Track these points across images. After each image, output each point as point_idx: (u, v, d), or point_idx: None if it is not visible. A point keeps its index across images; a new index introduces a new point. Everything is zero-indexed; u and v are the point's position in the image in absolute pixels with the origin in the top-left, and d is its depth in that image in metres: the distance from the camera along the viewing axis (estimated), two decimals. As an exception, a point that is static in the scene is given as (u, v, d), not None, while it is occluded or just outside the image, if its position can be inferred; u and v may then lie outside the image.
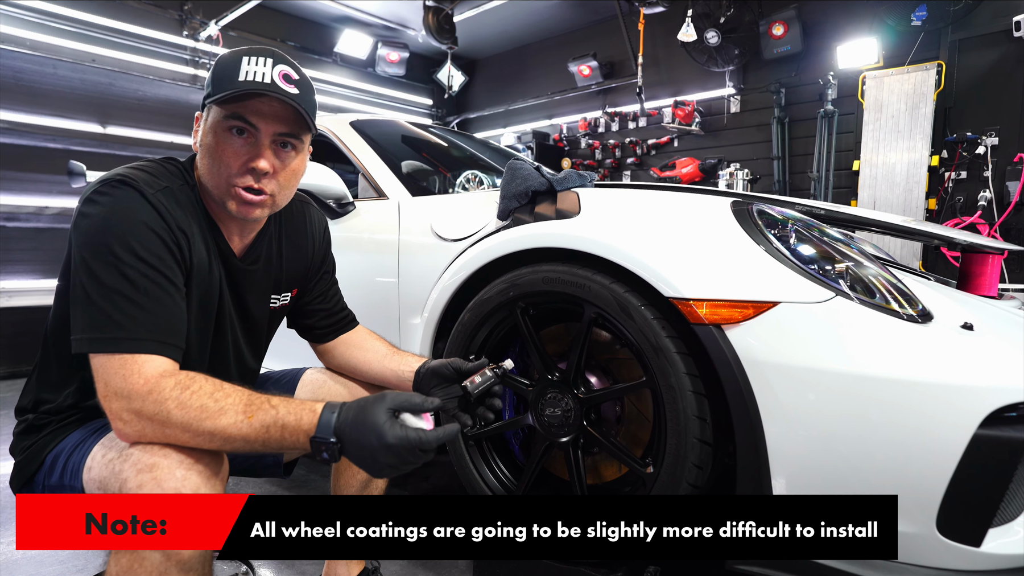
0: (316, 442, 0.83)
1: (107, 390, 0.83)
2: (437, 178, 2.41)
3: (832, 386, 1.05)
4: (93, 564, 1.65)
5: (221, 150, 0.94)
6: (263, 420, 0.83)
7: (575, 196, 1.41)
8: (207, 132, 0.96)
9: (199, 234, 0.98)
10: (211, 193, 0.98)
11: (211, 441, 0.82)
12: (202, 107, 0.99)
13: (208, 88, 0.95)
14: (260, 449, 0.85)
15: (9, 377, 4.13)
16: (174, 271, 0.90)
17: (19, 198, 4.13)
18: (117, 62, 4.60)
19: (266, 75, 0.93)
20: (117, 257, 0.84)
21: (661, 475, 1.23)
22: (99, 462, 0.87)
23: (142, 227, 0.87)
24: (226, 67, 0.94)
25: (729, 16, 4.60)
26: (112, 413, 0.83)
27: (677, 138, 5.39)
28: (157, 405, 0.81)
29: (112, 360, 0.82)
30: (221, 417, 0.82)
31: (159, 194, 0.91)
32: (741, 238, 1.20)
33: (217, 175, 0.95)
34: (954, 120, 3.97)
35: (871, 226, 1.61)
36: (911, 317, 1.09)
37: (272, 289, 1.16)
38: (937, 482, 1.00)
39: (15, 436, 1.01)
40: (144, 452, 0.82)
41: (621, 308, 1.25)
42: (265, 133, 0.95)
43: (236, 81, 0.92)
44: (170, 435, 0.82)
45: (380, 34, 6.18)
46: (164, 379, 0.83)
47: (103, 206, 0.86)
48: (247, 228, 1.07)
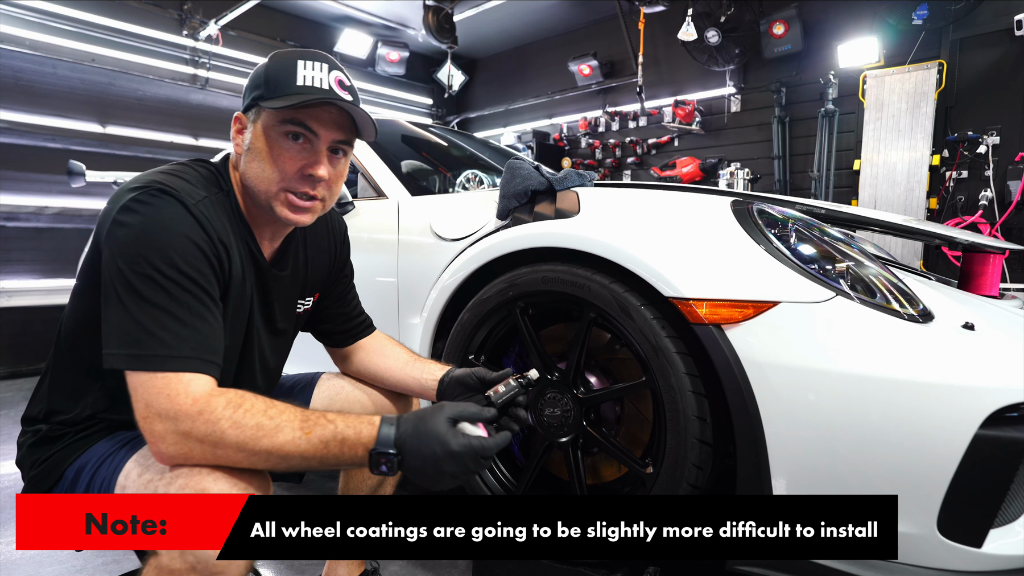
0: (376, 454, 0.82)
1: (149, 411, 0.78)
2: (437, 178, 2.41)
3: (832, 386, 1.05)
4: (92, 564, 1.65)
5: (277, 155, 0.92)
6: (321, 435, 0.81)
7: (574, 195, 1.41)
8: (259, 135, 0.93)
9: (236, 243, 0.94)
10: (259, 197, 0.94)
11: (267, 460, 0.80)
12: (246, 108, 0.95)
13: (260, 90, 0.92)
14: (316, 466, 0.83)
15: (9, 377, 4.13)
16: (213, 286, 0.87)
17: (19, 198, 4.14)
18: (117, 62, 4.59)
19: (324, 81, 0.92)
20: (158, 270, 0.80)
21: (661, 475, 1.22)
22: (135, 481, 0.84)
23: (184, 239, 0.83)
24: (281, 70, 0.92)
25: (729, 15, 4.59)
26: (154, 435, 0.78)
27: (677, 137, 5.38)
28: (209, 426, 0.77)
29: (155, 379, 0.78)
30: (278, 435, 0.79)
31: (200, 204, 0.87)
32: (741, 238, 1.20)
33: (270, 180, 0.92)
34: (955, 119, 3.96)
35: (872, 225, 1.61)
36: (912, 317, 1.09)
37: (298, 294, 1.14)
38: (938, 483, 1.00)
39: (26, 448, 0.96)
40: (191, 475, 0.79)
41: (620, 308, 1.25)
42: (324, 140, 0.93)
43: (295, 86, 0.91)
44: (222, 456, 0.79)
45: (380, 33, 6.17)
46: (214, 398, 0.79)
47: (142, 215, 0.82)
48: (279, 233, 1.04)
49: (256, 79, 0.94)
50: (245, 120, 0.96)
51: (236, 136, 0.97)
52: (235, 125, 0.97)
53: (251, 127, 0.95)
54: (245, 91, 0.97)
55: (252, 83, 0.95)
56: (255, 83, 0.94)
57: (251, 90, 0.94)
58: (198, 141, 5.02)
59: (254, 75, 0.95)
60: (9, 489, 2.17)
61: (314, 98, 0.90)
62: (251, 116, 0.95)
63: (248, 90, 0.95)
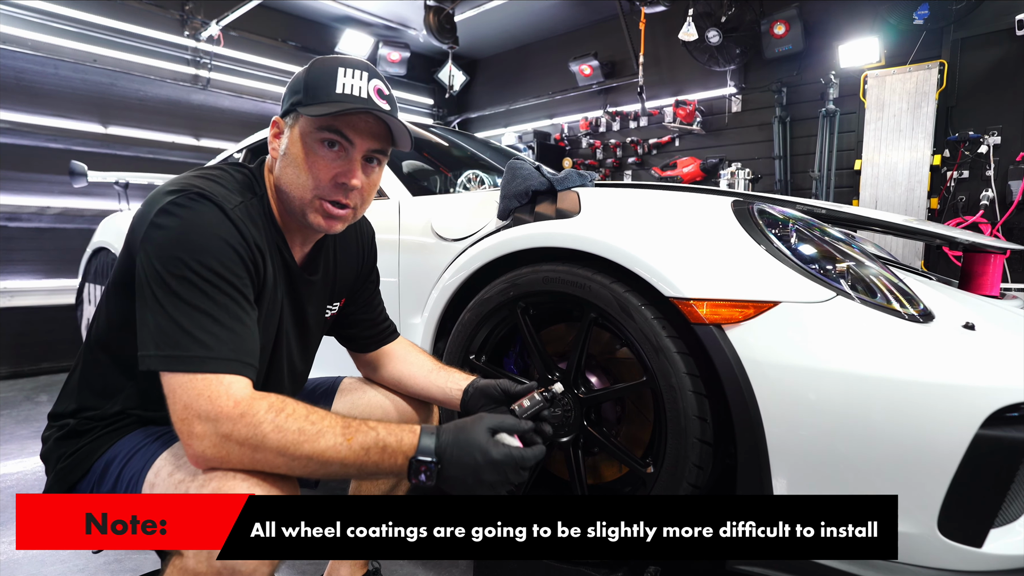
0: (416, 462, 0.83)
1: (188, 412, 0.78)
2: (438, 178, 2.41)
3: (833, 386, 1.05)
4: (94, 564, 1.65)
5: (312, 162, 0.92)
6: (363, 442, 0.82)
7: (575, 196, 1.41)
8: (295, 141, 0.93)
9: (270, 249, 0.95)
10: (292, 203, 0.95)
11: (306, 466, 0.80)
12: (284, 112, 0.96)
13: (299, 95, 0.93)
14: (354, 474, 0.83)
15: (11, 377, 4.13)
16: (249, 289, 0.87)
17: (21, 198, 4.14)
18: (118, 62, 4.60)
19: (363, 89, 0.92)
20: (195, 272, 0.80)
21: (661, 475, 1.23)
22: (165, 480, 0.84)
23: (222, 243, 0.84)
24: (322, 76, 0.92)
25: (730, 15, 4.59)
26: (193, 436, 0.78)
27: (678, 137, 5.38)
28: (251, 428, 0.78)
29: (195, 381, 0.78)
30: (320, 440, 0.80)
31: (237, 209, 0.88)
32: (742, 238, 1.20)
33: (304, 187, 0.93)
34: (956, 119, 3.96)
35: (873, 225, 1.61)
36: (912, 317, 1.09)
37: (327, 299, 1.14)
38: (938, 483, 1.00)
39: (52, 441, 0.96)
40: (224, 479, 0.79)
41: (621, 308, 1.25)
42: (359, 149, 0.94)
43: (333, 93, 0.91)
44: (260, 460, 0.79)
45: (381, 34, 6.18)
46: (256, 401, 0.79)
47: (181, 219, 0.82)
48: (310, 238, 1.05)
49: (296, 84, 0.95)
50: (283, 125, 0.96)
51: (273, 140, 0.98)
52: (272, 129, 0.98)
53: (288, 132, 0.95)
54: (285, 95, 0.97)
55: (292, 88, 0.95)
56: (295, 88, 0.95)
57: (290, 95, 0.95)
58: (199, 142, 5.03)
59: (294, 80, 0.96)
60: (12, 489, 2.18)
61: (352, 107, 0.90)
62: (288, 121, 0.95)
63: (287, 95, 0.96)
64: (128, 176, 3.88)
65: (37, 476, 2.30)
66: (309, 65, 0.96)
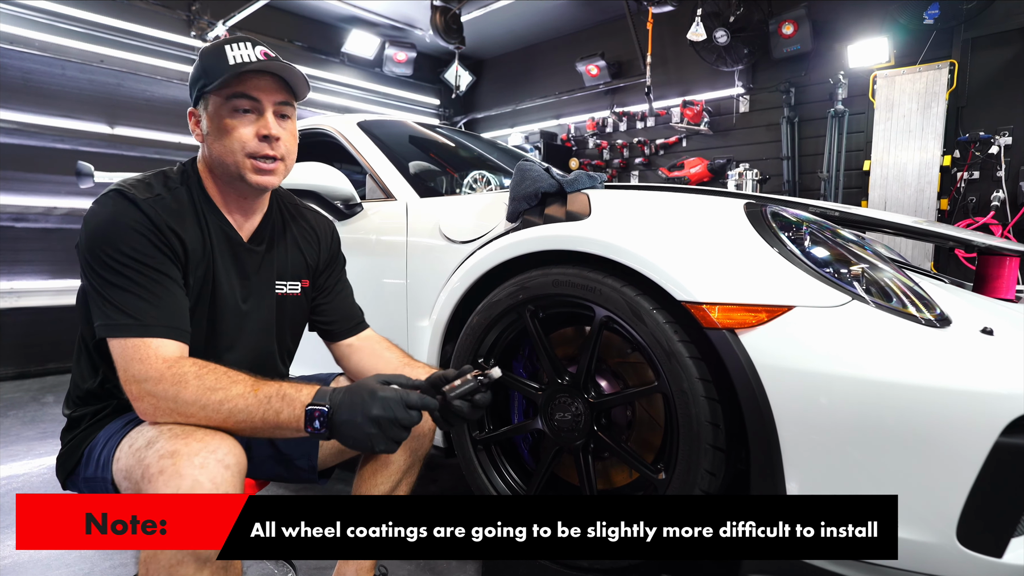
0: (310, 409, 0.90)
1: (126, 375, 0.92)
2: (444, 179, 2.40)
3: (848, 392, 1.03)
4: (99, 568, 1.65)
5: (231, 129, 1.03)
6: (267, 392, 0.91)
7: (585, 198, 1.39)
8: (212, 118, 1.05)
9: (195, 228, 1.05)
10: (229, 172, 1.06)
11: (218, 411, 0.89)
12: (195, 102, 1.08)
13: (201, 81, 1.04)
14: (259, 424, 0.90)
15: (18, 377, 4.15)
16: (168, 266, 0.99)
17: (28, 198, 4.15)
18: (125, 63, 4.60)
19: (252, 56, 1.04)
20: (112, 258, 0.94)
21: (673, 481, 1.21)
22: (126, 452, 0.93)
23: (131, 231, 0.96)
24: (212, 57, 1.04)
25: (738, 15, 4.57)
26: (132, 395, 0.92)
27: (686, 138, 5.36)
28: (175, 380, 0.89)
29: (127, 347, 0.92)
30: (232, 388, 0.90)
31: (151, 200, 1.00)
32: (755, 241, 1.18)
33: (232, 152, 1.04)
34: (967, 120, 3.92)
35: (887, 228, 1.59)
36: (929, 321, 1.07)
37: (278, 275, 1.20)
38: (957, 491, 0.98)
39: (62, 432, 1.09)
40: (168, 440, 0.87)
41: (632, 312, 1.23)
42: (267, 104, 1.05)
43: (228, 66, 1.02)
44: (182, 411, 0.89)
45: (387, 34, 6.17)
46: (183, 360, 0.93)
47: (98, 215, 0.97)
48: (251, 210, 1.15)
49: (196, 74, 1.07)
50: (198, 113, 1.08)
51: (195, 128, 1.09)
52: (191, 120, 1.10)
53: (204, 115, 1.06)
54: (190, 89, 1.09)
55: (193, 80, 1.07)
56: (195, 78, 1.06)
57: (194, 85, 1.07)
58: (205, 142, 5.03)
59: (193, 73, 1.07)
60: (19, 490, 2.18)
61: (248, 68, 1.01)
62: (201, 107, 1.07)
63: (192, 87, 1.08)
64: (135, 177, 3.88)
65: (43, 478, 2.30)
66: (201, 54, 1.08)
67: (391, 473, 1.25)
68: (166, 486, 0.81)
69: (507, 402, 1.63)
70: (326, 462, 1.24)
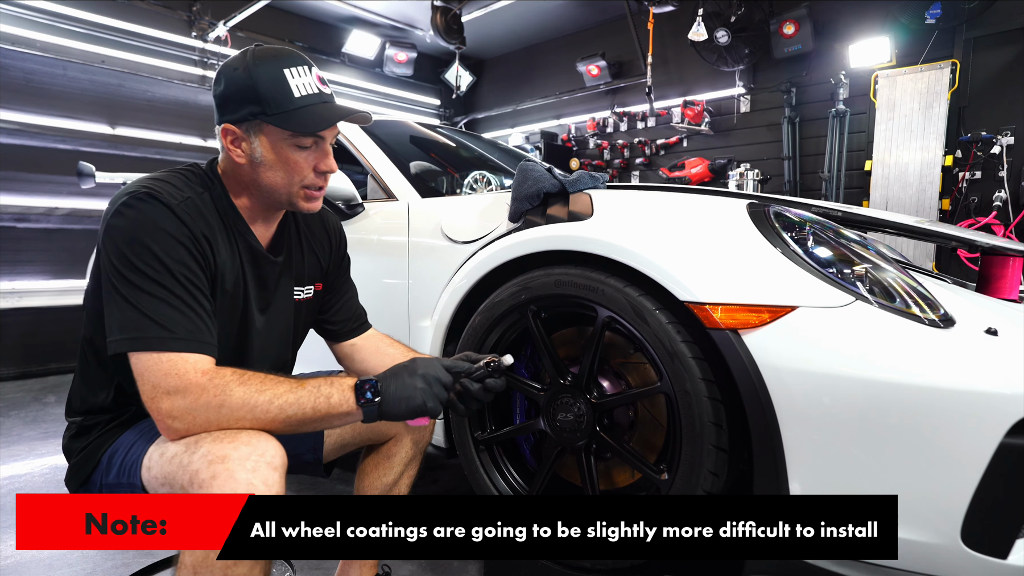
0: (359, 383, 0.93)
1: (156, 391, 0.86)
2: (445, 179, 2.40)
3: (852, 392, 1.03)
4: (102, 568, 1.65)
5: (294, 163, 1.01)
6: (313, 383, 0.92)
7: (588, 198, 1.39)
8: (269, 149, 0.99)
9: (223, 237, 1.02)
10: (277, 197, 1.03)
11: (267, 411, 0.88)
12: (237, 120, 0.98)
13: (256, 106, 0.96)
14: (310, 414, 0.91)
15: (19, 377, 4.15)
16: (199, 277, 0.94)
17: (29, 199, 4.15)
18: (126, 63, 4.61)
19: (312, 85, 1.00)
20: (147, 264, 0.88)
21: (676, 482, 1.21)
22: (158, 460, 0.90)
23: (168, 237, 0.91)
24: (273, 83, 0.96)
25: (739, 15, 4.56)
26: (162, 412, 0.86)
27: (686, 138, 5.36)
28: (219, 390, 0.86)
29: (160, 361, 0.86)
30: (278, 386, 0.89)
31: (183, 204, 0.95)
32: (758, 241, 1.18)
33: (291, 184, 1.02)
34: (968, 119, 3.92)
35: (890, 228, 1.58)
36: (933, 322, 1.07)
37: (295, 281, 1.19)
38: (962, 492, 0.97)
39: (67, 439, 1.06)
40: (213, 444, 0.85)
41: (635, 312, 1.23)
42: (328, 140, 1.04)
43: (294, 98, 0.97)
44: (226, 416, 0.87)
45: (388, 34, 6.18)
46: (221, 369, 0.89)
47: (131, 218, 0.90)
48: (271, 220, 1.12)
49: (245, 92, 0.97)
50: (239, 132, 0.99)
51: (231, 147, 1.00)
52: (226, 137, 1.00)
53: (256, 140, 0.99)
54: (228, 101, 0.98)
55: (239, 95, 0.97)
56: (245, 96, 0.97)
57: (241, 103, 0.97)
58: (206, 142, 5.03)
59: (241, 87, 0.97)
60: (21, 490, 2.18)
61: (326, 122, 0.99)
62: (249, 128, 0.99)
63: (234, 102, 0.98)
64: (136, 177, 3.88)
65: (45, 477, 2.30)
66: (251, 68, 0.97)
67: (394, 465, 1.25)
68: (220, 491, 0.81)
69: (509, 403, 1.62)
70: (328, 456, 1.24)
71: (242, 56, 1.00)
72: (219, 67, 1.02)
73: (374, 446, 1.27)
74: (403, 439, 1.27)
